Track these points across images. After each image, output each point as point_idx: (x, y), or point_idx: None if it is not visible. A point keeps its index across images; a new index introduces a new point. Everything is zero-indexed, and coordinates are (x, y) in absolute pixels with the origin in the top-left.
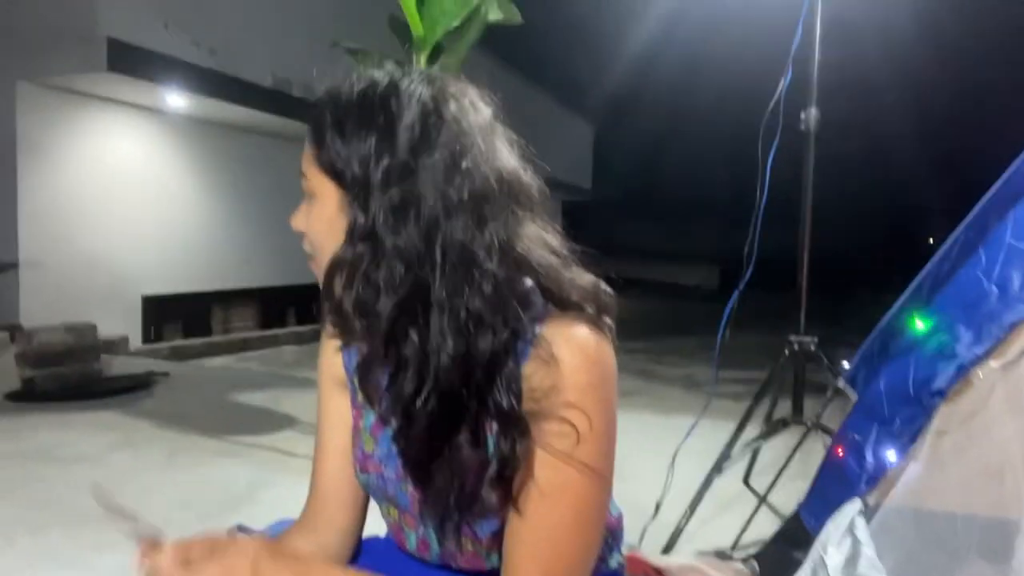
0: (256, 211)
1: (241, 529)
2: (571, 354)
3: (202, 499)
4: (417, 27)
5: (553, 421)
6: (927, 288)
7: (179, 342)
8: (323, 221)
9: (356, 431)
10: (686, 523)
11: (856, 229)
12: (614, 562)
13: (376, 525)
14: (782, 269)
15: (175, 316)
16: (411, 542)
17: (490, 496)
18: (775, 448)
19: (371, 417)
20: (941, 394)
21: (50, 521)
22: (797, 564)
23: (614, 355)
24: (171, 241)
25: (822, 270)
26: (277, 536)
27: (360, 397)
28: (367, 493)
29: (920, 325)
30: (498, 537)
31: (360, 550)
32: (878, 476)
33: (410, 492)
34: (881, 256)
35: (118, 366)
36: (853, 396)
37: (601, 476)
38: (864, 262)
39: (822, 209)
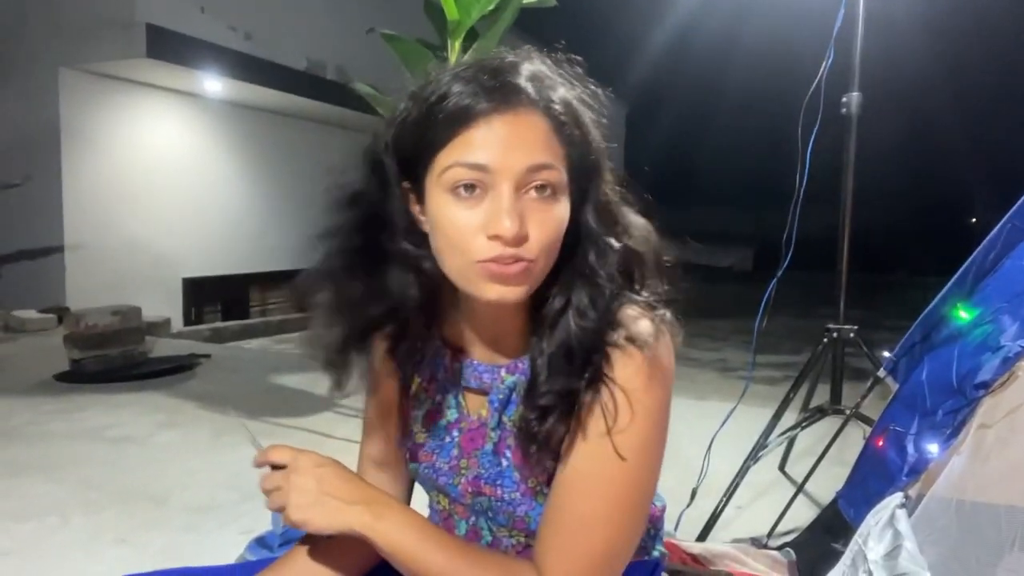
0: (292, 193)
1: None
2: (630, 351)
3: (246, 480)
4: (452, 11)
5: (599, 408)
6: (971, 277)
7: (219, 324)
8: (565, 220)
9: (407, 420)
10: (722, 510)
11: (893, 208)
12: (656, 552)
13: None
14: (818, 248)
15: (214, 298)
16: (460, 530)
17: (556, 428)
18: (812, 434)
19: (423, 408)
20: (985, 386)
21: (103, 500)
22: (834, 554)
23: (672, 353)
24: (210, 224)
25: (859, 249)
26: None
27: (415, 388)
28: (413, 479)
29: (964, 315)
30: None
31: None
32: (919, 468)
33: (461, 484)
34: (918, 236)
35: (161, 348)
36: (894, 386)
37: (640, 473)
38: (901, 242)
39: (859, 188)
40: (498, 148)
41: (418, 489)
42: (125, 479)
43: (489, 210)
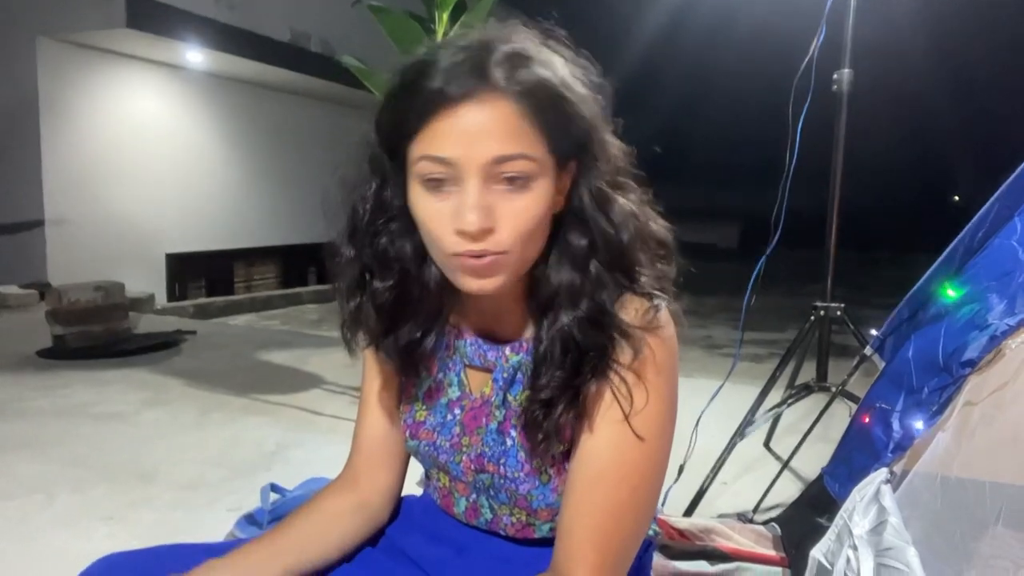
0: (276, 169)
1: (274, 489)
2: (635, 337)
3: (234, 457)
4: None
5: (611, 396)
6: (959, 256)
7: (203, 300)
8: (542, 208)
9: (408, 398)
10: (708, 486)
11: (882, 187)
12: (651, 531)
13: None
14: (806, 226)
15: (198, 274)
16: (459, 507)
17: (563, 419)
18: (797, 411)
19: (424, 385)
20: (971, 364)
21: (89, 477)
22: (819, 529)
23: (675, 337)
24: (193, 199)
25: (846, 227)
26: (314, 495)
27: (415, 372)
28: (409, 454)
29: (951, 293)
30: (550, 510)
31: (399, 509)
32: (905, 445)
33: (464, 462)
34: (906, 215)
35: (145, 324)
36: (880, 364)
37: (660, 457)
38: (889, 219)
39: (848, 166)
40: (463, 140)
41: (412, 467)
42: (112, 457)
43: (456, 204)
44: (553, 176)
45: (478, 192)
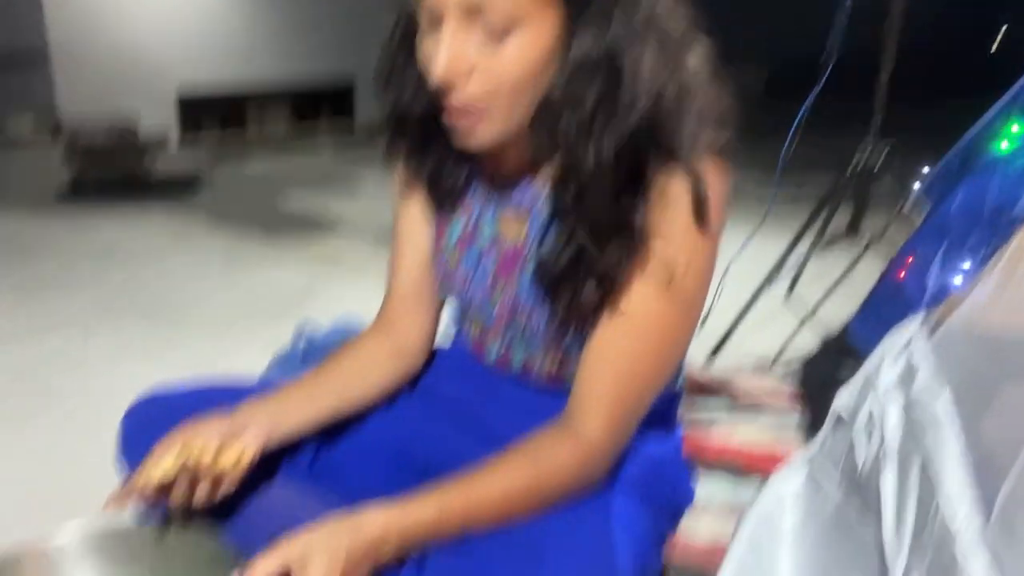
0: (289, 5)
1: (306, 329)
2: (684, 195)
3: (262, 300)
4: None
5: (655, 254)
6: (1022, 101)
7: (218, 141)
8: (529, 59)
9: (439, 246)
10: (731, 332)
11: (935, 25)
12: (678, 384)
13: None
14: (848, 71)
15: (212, 114)
16: (491, 355)
17: (591, 296)
18: (825, 264)
19: (456, 233)
20: (1021, 220)
21: (124, 317)
22: (840, 380)
23: (726, 194)
24: (203, 29)
25: (896, 72)
26: (349, 340)
27: (448, 209)
28: (442, 300)
29: (1005, 144)
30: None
31: (434, 357)
32: (941, 297)
33: (496, 310)
34: (960, 58)
35: (160, 164)
36: (919, 219)
37: (689, 315)
38: (941, 63)
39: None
40: None
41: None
42: (142, 297)
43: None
44: (553, 22)
45: (450, 38)
